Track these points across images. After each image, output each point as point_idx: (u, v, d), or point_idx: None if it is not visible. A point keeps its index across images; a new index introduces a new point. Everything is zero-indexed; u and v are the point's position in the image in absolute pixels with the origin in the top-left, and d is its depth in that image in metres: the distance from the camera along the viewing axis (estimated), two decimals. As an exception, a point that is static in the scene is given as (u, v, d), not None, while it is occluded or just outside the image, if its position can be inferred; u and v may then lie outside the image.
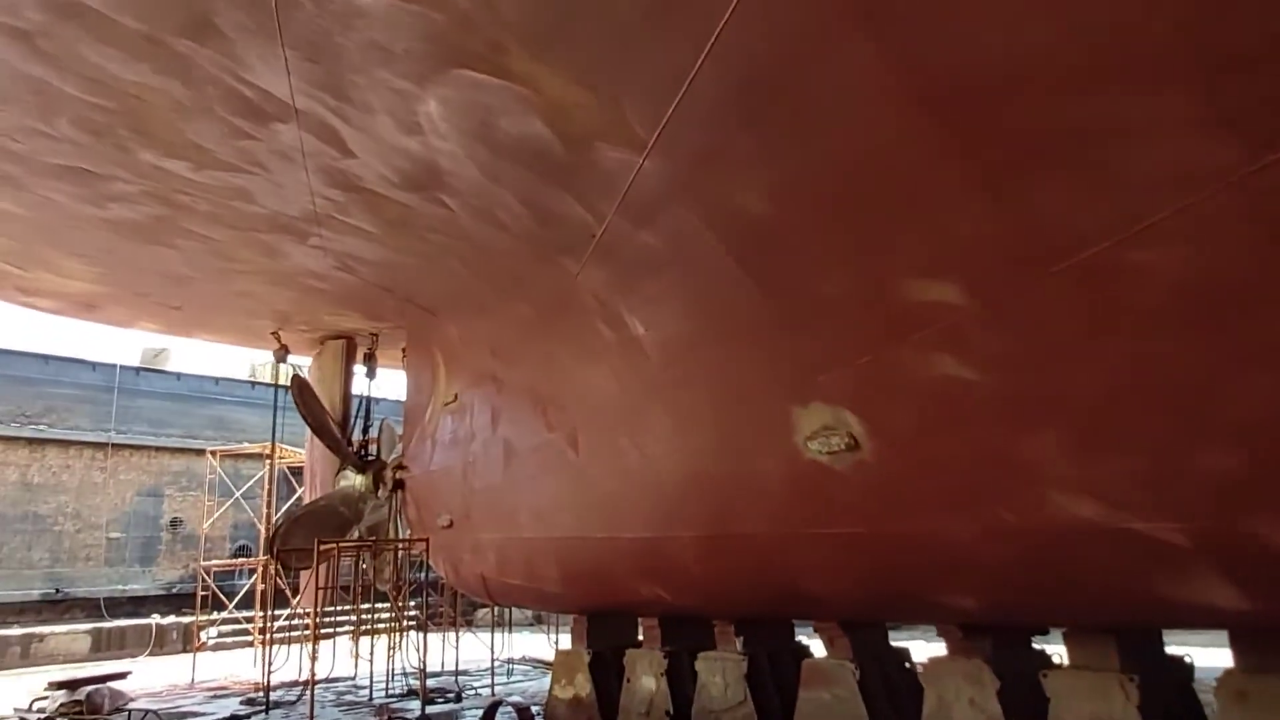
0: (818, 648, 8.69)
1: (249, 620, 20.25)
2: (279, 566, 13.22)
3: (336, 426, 13.95)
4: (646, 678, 8.85)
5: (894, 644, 8.30)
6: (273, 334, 14.09)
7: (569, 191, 5.42)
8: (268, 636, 13.50)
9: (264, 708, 11.47)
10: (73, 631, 20.76)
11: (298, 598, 16.82)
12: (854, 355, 4.80)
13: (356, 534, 13.24)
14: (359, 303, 11.86)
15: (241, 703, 12.52)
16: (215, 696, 13.64)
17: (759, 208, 4.40)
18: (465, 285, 8.93)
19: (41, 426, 25.11)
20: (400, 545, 12.37)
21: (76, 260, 10.87)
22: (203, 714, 12.10)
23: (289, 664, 13.65)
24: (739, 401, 6.05)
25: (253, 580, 21.33)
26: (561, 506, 8.94)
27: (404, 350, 13.84)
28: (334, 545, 11.60)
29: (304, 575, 15.60)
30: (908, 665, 8.02)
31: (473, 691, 12.84)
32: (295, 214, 8.05)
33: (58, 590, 25.02)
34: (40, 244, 10.32)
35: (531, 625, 22.03)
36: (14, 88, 6.35)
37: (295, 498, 22.69)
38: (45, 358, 25.94)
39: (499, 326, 9.69)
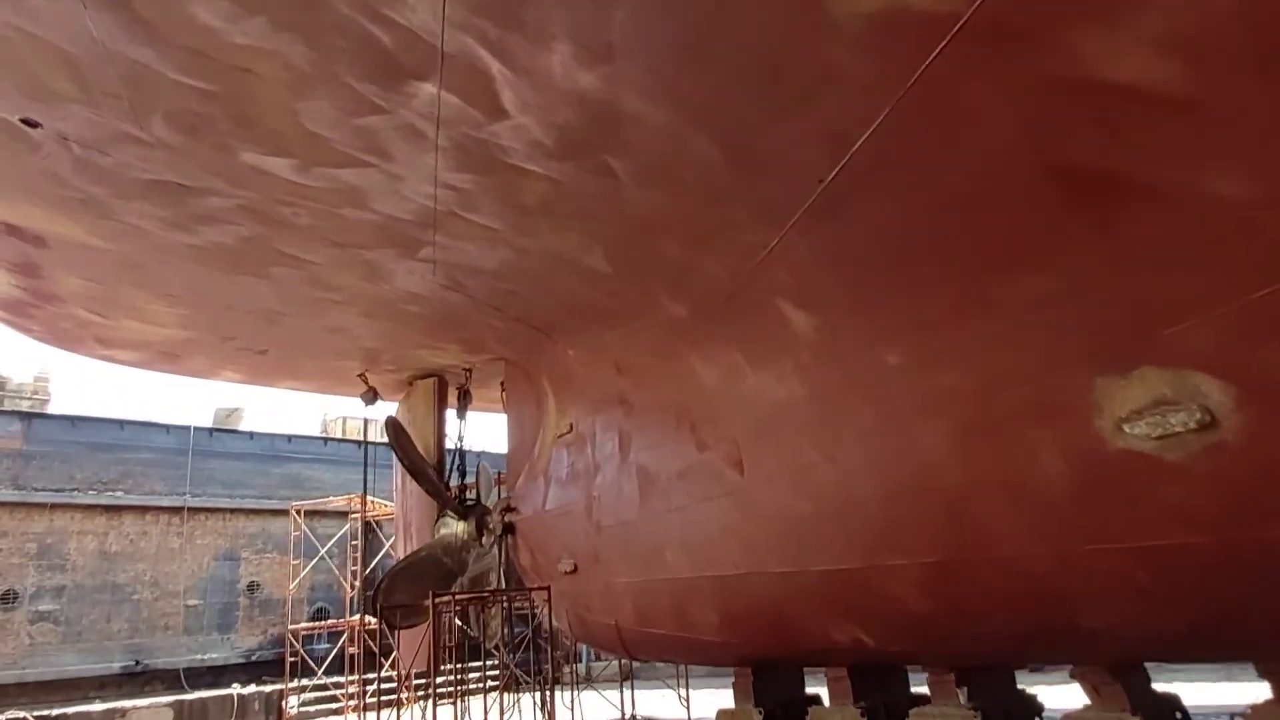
0: (1046, 697, 7.28)
1: (338, 686, 19.13)
2: (383, 625, 12.07)
3: (433, 470, 12.90)
4: (840, 740, 7.43)
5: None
6: (359, 375, 13.25)
7: (808, 112, 4.18)
8: (364, 703, 12.33)
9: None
10: (154, 705, 19.92)
11: (392, 657, 15.63)
12: (1237, 291, 3.50)
13: (459, 585, 12.10)
14: (459, 331, 10.90)
15: (346, 781, 11.36)
16: (314, 774, 12.50)
17: (1138, 74, 3.12)
18: (600, 289, 7.80)
19: (118, 493, 24.66)
20: (520, 595, 11.14)
21: (161, 302, 10.25)
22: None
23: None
24: (1005, 382, 4.75)
25: (338, 645, 20.27)
26: (723, 539, 7.65)
27: (501, 385, 12.81)
28: (449, 598, 10.40)
29: (401, 634, 14.42)
30: (1179, 715, 6.51)
31: (600, 759, 11.45)
32: (410, 216, 7.11)
33: (137, 662, 24.31)
34: (123, 284, 9.68)
35: (636, 679, 20.44)
36: (109, 79, 5.58)
37: (383, 553, 21.72)
38: (120, 423, 25.64)
39: (631, 339, 8.56)
